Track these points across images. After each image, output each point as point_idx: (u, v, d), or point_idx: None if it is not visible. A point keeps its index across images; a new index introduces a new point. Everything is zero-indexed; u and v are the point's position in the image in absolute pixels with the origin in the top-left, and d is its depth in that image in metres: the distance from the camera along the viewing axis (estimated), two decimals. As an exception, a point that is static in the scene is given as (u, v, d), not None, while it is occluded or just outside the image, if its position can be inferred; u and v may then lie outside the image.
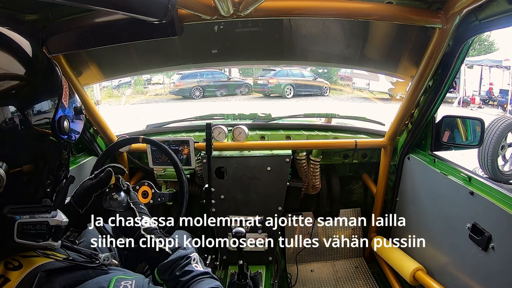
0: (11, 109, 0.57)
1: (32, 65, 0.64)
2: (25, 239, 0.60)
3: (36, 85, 0.63)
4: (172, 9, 0.87)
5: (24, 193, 0.63)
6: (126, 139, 1.55)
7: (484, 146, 4.45)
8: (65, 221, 0.65)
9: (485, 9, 1.14)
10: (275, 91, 13.17)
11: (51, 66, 0.68)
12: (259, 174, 1.84)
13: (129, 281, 0.63)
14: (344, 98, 13.86)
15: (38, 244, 0.61)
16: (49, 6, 1.17)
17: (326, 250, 2.28)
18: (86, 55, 1.60)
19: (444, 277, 1.49)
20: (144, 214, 0.92)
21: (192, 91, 12.89)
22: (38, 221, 0.62)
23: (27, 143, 0.60)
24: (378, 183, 1.98)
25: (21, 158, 0.60)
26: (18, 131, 0.58)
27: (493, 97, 10.93)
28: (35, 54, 0.65)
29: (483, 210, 1.24)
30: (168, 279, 0.83)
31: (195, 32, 1.58)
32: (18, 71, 0.60)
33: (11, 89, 0.57)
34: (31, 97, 0.61)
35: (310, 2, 1.20)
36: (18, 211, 0.60)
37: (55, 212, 0.64)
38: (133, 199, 0.94)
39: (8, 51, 0.60)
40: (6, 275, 0.57)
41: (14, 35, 0.63)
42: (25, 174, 0.61)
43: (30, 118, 0.60)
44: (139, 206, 0.93)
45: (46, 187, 0.67)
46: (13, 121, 0.57)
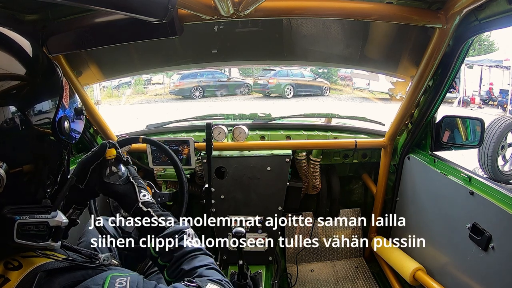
0: (11, 109, 0.57)
1: (33, 65, 0.63)
2: (25, 240, 0.60)
3: (36, 85, 0.63)
4: (172, 9, 0.87)
5: (24, 193, 0.62)
6: (126, 139, 1.55)
7: (484, 146, 4.45)
8: (65, 221, 0.65)
9: (485, 9, 1.14)
10: (275, 91, 13.17)
11: (51, 66, 0.68)
12: (259, 174, 1.84)
13: (124, 278, 0.63)
14: (344, 98, 13.86)
15: (38, 244, 0.61)
16: (49, 6, 1.17)
17: (326, 250, 2.28)
18: (86, 55, 1.60)
19: (444, 277, 1.49)
20: (143, 189, 0.94)
21: (192, 91, 12.89)
22: (38, 221, 0.61)
23: (27, 143, 0.60)
24: (378, 183, 1.98)
25: (21, 158, 0.60)
26: (18, 131, 0.58)
27: (493, 97, 10.94)
28: (36, 54, 0.65)
29: (483, 210, 1.24)
30: (162, 253, 0.84)
31: (195, 32, 1.58)
32: (19, 71, 0.60)
33: (12, 89, 0.57)
34: (31, 97, 0.61)
35: (310, 2, 1.20)
36: (18, 211, 0.60)
37: (55, 212, 0.64)
38: (133, 174, 0.97)
39: (9, 51, 0.60)
40: (6, 275, 0.57)
41: (14, 35, 0.63)
42: (25, 174, 0.61)
43: (31, 118, 0.60)
44: (138, 180, 0.95)
45: (46, 187, 0.66)
46: (14, 121, 0.57)
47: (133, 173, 0.97)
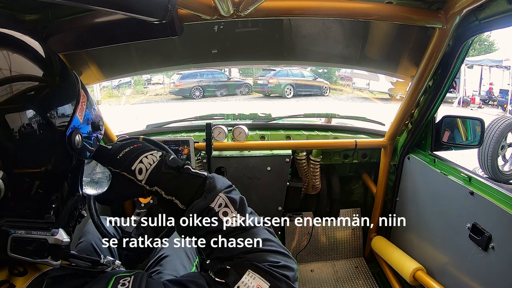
0: (18, 116, 0.53)
1: (48, 74, 0.59)
2: (20, 255, 0.56)
3: (47, 97, 0.58)
4: (172, 9, 0.86)
5: (25, 206, 0.57)
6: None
7: (484, 146, 4.45)
8: (66, 241, 0.60)
9: (485, 9, 1.14)
10: (275, 91, 13.19)
11: (69, 79, 0.64)
12: (259, 174, 1.84)
13: (127, 278, 0.59)
14: (344, 98, 13.88)
15: (34, 261, 0.57)
16: (49, 6, 1.17)
17: (326, 250, 2.28)
18: (86, 55, 1.59)
19: (444, 277, 1.49)
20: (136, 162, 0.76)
21: (192, 91, 12.90)
22: (35, 237, 0.57)
23: (32, 155, 0.56)
24: (378, 183, 1.98)
25: (24, 169, 0.55)
26: (23, 142, 0.53)
27: (493, 97, 10.95)
28: (49, 57, 0.61)
29: (483, 210, 1.24)
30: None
31: (195, 32, 1.58)
32: (33, 75, 0.57)
33: (17, 97, 0.53)
34: (47, 104, 0.57)
35: (310, 2, 1.20)
36: (15, 225, 0.56)
37: (56, 230, 0.59)
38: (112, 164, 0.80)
39: (20, 52, 0.57)
40: (11, 281, 0.56)
41: (26, 39, 0.59)
42: (28, 187, 0.56)
43: (39, 129, 0.55)
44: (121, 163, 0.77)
45: (51, 202, 0.61)
46: (27, 129, 0.53)
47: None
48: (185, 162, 0.75)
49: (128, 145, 0.76)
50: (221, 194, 0.70)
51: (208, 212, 0.67)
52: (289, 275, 0.63)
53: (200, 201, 0.68)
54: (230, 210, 0.68)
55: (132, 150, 0.75)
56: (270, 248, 0.66)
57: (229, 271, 0.61)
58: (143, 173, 0.71)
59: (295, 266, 0.66)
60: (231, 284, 0.60)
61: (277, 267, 0.63)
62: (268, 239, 0.67)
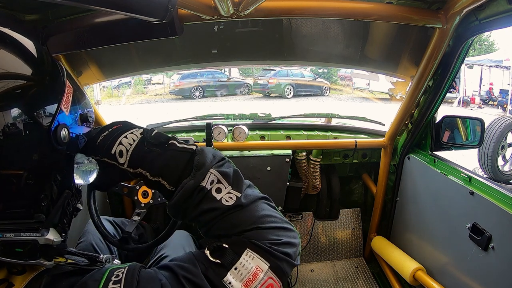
0: (7, 113, 0.51)
1: (38, 69, 0.59)
2: (11, 258, 0.54)
3: (32, 92, 0.55)
4: (172, 9, 0.86)
5: (13, 207, 0.55)
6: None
7: (484, 146, 4.45)
8: (57, 241, 0.58)
9: (485, 9, 1.14)
10: (275, 91, 13.19)
11: (55, 70, 0.62)
12: (259, 174, 1.84)
13: (121, 269, 0.58)
14: (344, 98, 13.88)
15: (26, 263, 0.55)
16: (49, 6, 1.17)
17: (326, 250, 2.29)
18: (86, 55, 1.60)
19: (444, 277, 1.49)
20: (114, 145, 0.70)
21: (192, 91, 12.91)
22: (24, 239, 0.55)
23: (19, 152, 0.53)
24: (378, 183, 1.98)
25: (10, 167, 0.52)
26: (10, 138, 0.51)
27: (493, 97, 10.96)
28: (40, 58, 0.61)
29: (483, 210, 1.24)
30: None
31: (195, 32, 1.58)
32: (25, 73, 0.56)
33: (6, 93, 0.52)
34: (29, 103, 0.54)
35: (310, 2, 1.20)
36: (3, 227, 0.54)
37: (45, 230, 0.57)
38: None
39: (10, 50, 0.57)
40: (10, 280, 0.55)
41: (16, 35, 0.59)
42: (16, 187, 0.53)
43: (25, 128, 0.52)
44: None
45: (41, 201, 0.57)
46: (11, 129, 0.51)
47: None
48: (170, 136, 0.67)
49: (107, 127, 0.69)
50: (212, 170, 0.62)
51: (200, 191, 0.61)
52: (290, 252, 0.60)
53: (189, 180, 0.61)
54: (224, 186, 0.62)
55: (111, 133, 0.67)
56: (271, 224, 0.61)
57: (226, 250, 0.57)
58: (123, 155, 0.64)
59: (297, 240, 0.63)
60: (227, 265, 0.56)
61: (278, 244, 0.59)
62: (268, 215, 0.62)
